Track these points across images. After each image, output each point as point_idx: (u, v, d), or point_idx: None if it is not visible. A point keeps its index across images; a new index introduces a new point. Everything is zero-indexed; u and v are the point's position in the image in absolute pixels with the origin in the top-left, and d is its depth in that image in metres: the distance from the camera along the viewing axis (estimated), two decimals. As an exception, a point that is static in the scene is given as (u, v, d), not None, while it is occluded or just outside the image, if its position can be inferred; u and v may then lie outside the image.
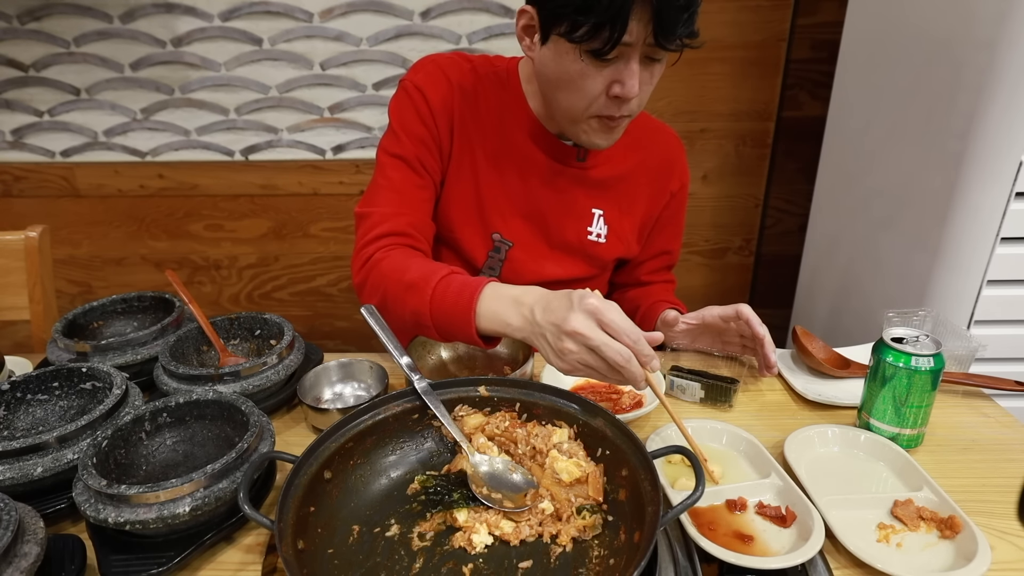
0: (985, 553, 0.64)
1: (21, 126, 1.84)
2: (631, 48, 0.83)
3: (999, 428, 0.89)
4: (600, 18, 0.79)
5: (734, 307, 0.96)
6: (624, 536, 0.65)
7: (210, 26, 1.72)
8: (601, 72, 0.86)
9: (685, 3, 0.80)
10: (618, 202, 1.11)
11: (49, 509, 0.71)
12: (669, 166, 1.14)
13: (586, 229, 1.10)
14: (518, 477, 0.72)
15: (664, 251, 1.22)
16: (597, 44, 0.82)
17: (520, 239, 1.08)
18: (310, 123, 1.85)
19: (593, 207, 1.09)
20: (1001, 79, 1.07)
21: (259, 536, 0.71)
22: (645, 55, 0.86)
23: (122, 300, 1.06)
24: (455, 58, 1.04)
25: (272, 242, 1.98)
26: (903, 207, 1.32)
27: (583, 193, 1.08)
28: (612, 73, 0.86)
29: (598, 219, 1.10)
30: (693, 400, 0.94)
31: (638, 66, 0.85)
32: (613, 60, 0.85)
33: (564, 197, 1.07)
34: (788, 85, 1.80)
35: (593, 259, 1.13)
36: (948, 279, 1.21)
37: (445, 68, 1.03)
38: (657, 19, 0.80)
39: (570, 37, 0.83)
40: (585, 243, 1.10)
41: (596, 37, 0.81)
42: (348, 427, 0.72)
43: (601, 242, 1.11)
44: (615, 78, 0.87)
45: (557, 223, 1.08)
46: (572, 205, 1.08)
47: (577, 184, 1.07)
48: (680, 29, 0.82)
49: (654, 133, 1.13)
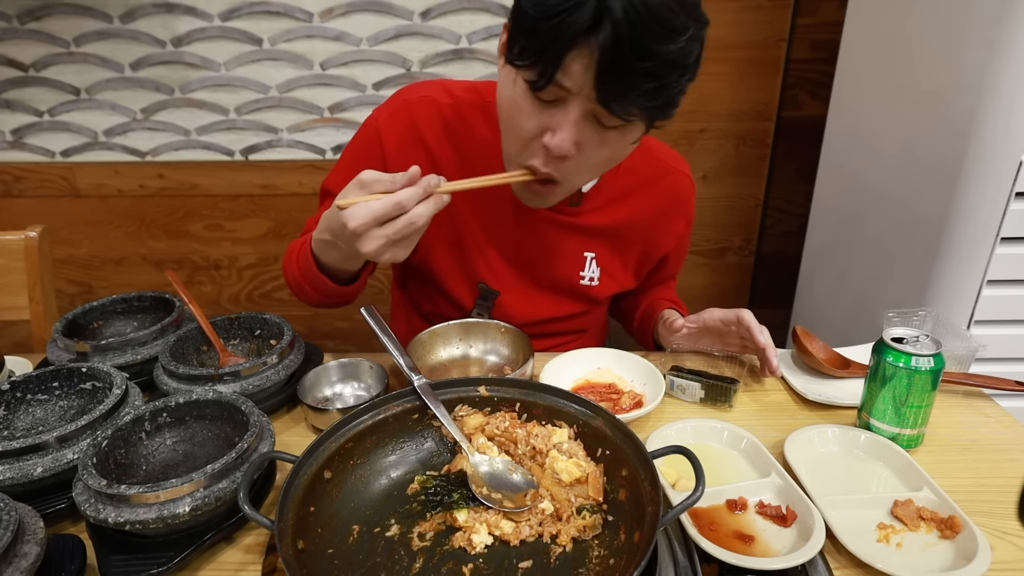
0: (985, 553, 0.64)
1: (21, 126, 1.84)
2: (571, 97, 0.73)
3: (999, 428, 0.89)
4: (537, 45, 0.70)
5: (735, 312, 0.94)
6: (624, 536, 0.65)
7: (210, 26, 1.72)
8: (537, 114, 0.76)
9: (649, 69, 0.68)
10: (612, 245, 1.05)
11: (49, 509, 0.71)
12: (674, 210, 1.06)
13: (578, 274, 1.05)
14: (518, 477, 0.72)
15: (668, 276, 1.20)
16: (532, 76, 0.72)
17: (507, 285, 1.04)
18: (310, 123, 1.85)
19: (585, 251, 1.03)
20: (1001, 79, 1.07)
21: (259, 536, 0.71)
22: (592, 113, 0.74)
23: (122, 300, 1.06)
24: (433, 94, 0.96)
25: (272, 242, 1.98)
26: (903, 207, 1.32)
27: (575, 239, 1.02)
28: (547, 119, 0.76)
29: (590, 263, 1.04)
30: (693, 400, 0.94)
31: (579, 121, 0.74)
32: (553, 104, 0.74)
33: (554, 243, 1.01)
34: (788, 85, 1.80)
35: (586, 299, 1.09)
36: (948, 279, 1.21)
37: (416, 113, 0.95)
38: (603, 73, 0.68)
39: (512, 60, 0.74)
40: (577, 287, 1.06)
41: (533, 67, 0.71)
42: (348, 427, 0.72)
43: (594, 285, 1.06)
44: (549, 125, 0.76)
45: (546, 268, 1.03)
46: (563, 250, 1.02)
47: (569, 231, 1.00)
48: (635, 97, 0.70)
49: (662, 175, 1.04)
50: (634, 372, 0.97)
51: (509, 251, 1.03)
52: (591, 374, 0.98)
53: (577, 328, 1.15)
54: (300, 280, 0.93)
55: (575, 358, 1.00)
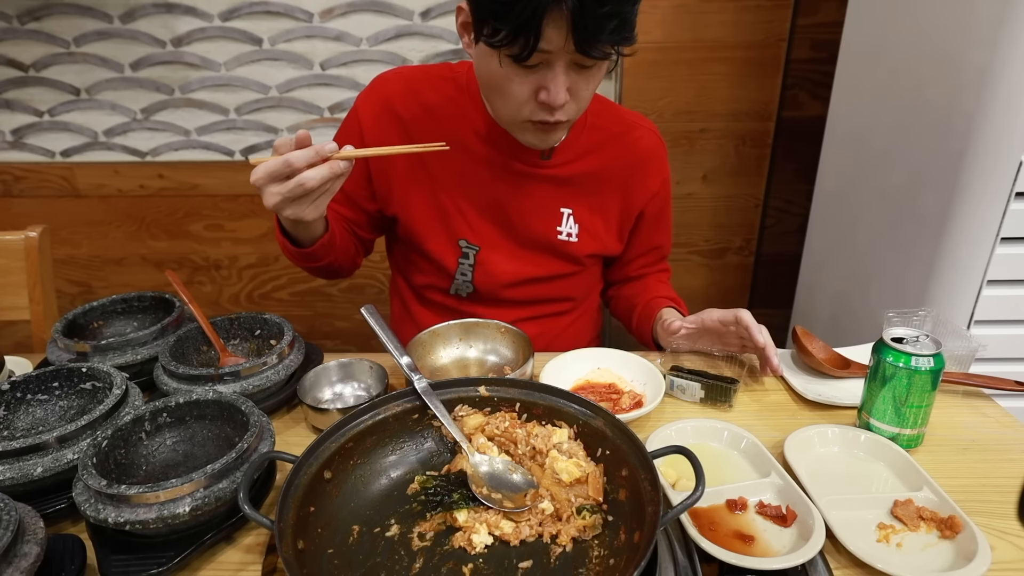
0: (985, 553, 0.64)
1: (21, 126, 1.84)
2: (553, 55, 0.82)
3: (999, 428, 0.89)
4: (514, 25, 0.78)
5: (733, 313, 0.95)
6: (624, 536, 0.65)
7: (210, 26, 1.72)
8: (527, 78, 0.86)
9: (610, 11, 0.77)
10: (588, 201, 1.09)
11: (49, 509, 0.71)
12: (644, 164, 1.11)
13: (555, 228, 1.09)
14: (518, 477, 0.72)
15: (653, 247, 1.20)
16: (516, 50, 0.81)
17: (487, 241, 1.08)
18: (310, 123, 1.85)
19: (561, 206, 1.08)
20: (1001, 79, 1.07)
21: (259, 536, 0.71)
22: (573, 62, 0.84)
23: (122, 300, 1.06)
24: (405, 73, 1.05)
25: (272, 242, 1.98)
26: (903, 207, 1.32)
27: (550, 192, 1.07)
28: (538, 79, 0.86)
29: (567, 218, 1.09)
30: (693, 400, 0.94)
31: (564, 73, 0.84)
32: (537, 67, 0.84)
33: (529, 196, 1.06)
34: (788, 85, 1.80)
35: (567, 257, 1.11)
36: (948, 279, 1.21)
37: (388, 86, 1.04)
38: (576, 27, 0.78)
39: (489, 42, 0.82)
40: (555, 242, 1.09)
41: (514, 43, 0.80)
42: (348, 427, 0.72)
43: (573, 241, 1.10)
44: (541, 84, 0.86)
45: (523, 222, 1.07)
46: (538, 204, 1.07)
47: (543, 183, 1.06)
48: (605, 37, 0.79)
49: (629, 130, 1.10)
50: (634, 372, 0.97)
51: (486, 208, 1.07)
52: (591, 374, 0.98)
53: (563, 295, 1.16)
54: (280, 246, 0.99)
55: (575, 358, 1.00)
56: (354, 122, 1.05)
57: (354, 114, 1.05)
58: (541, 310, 1.16)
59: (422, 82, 1.04)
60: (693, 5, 1.70)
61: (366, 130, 1.03)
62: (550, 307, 1.17)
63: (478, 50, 0.88)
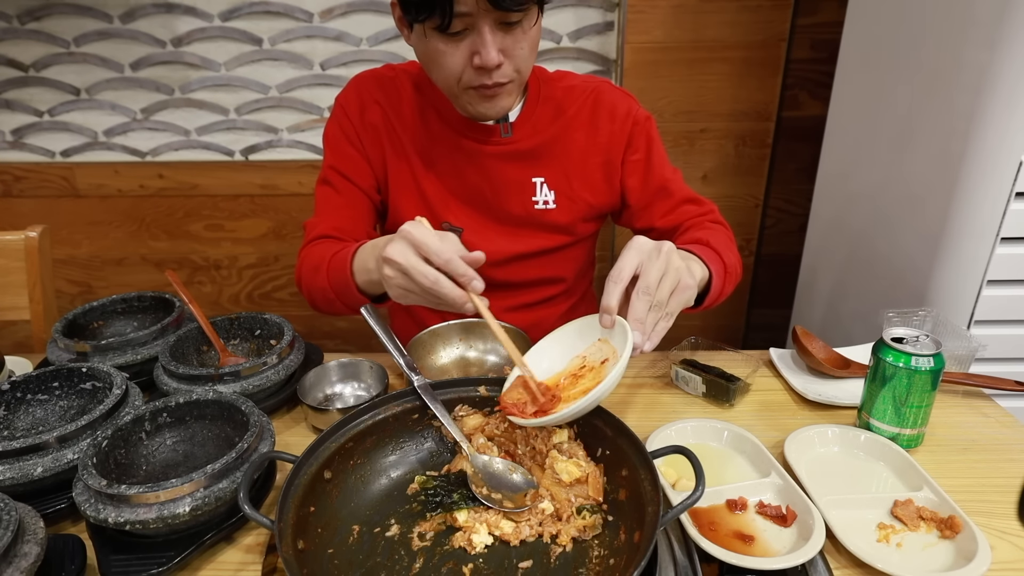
0: (985, 553, 0.64)
1: (21, 126, 1.84)
2: (474, 18, 0.84)
3: (999, 428, 0.89)
4: None
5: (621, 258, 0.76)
6: (624, 536, 0.65)
7: (210, 26, 1.72)
8: (458, 47, 0.88)
9: None
10: (559, 164, 1.08)
11: (49, 509, 0.71)
12: (610, 110, 1.08)
13: (530, 199, 1.09)
14: (518, 477, 0.72)
15: (659, 187, 1.10)
16: (437, 20, 0.83)
17: (468, 223, 1.09)
18: (310, 123, 1.85)
19: (532, 177, 1.08)
20: (1001, 79, 1.07)
21: (259, 536, 0.71)
22: (497, 20, 0.85)
23: (122, 300, 1.06)
24: (377, 70, 1.10)
25: (272, 242, 1.98)
26: (903, 207, 1.32)
27: (517, 166, 1.07)
28: (469, 45, 0.88)
29: (541, 187, 1.09)
30: (695, 394, 0.95)
31: (491, 34, 0.86)
32: (465, 33, 0.86)
33: (500, 174, 1.07)
34: (788, 85, 1.80)
35: (550, 227, 1.10)
36: (948, 279, 1.21)
37: (363, 83, 1.09)
38: None
39: (414, 20, 0.86)
40: (533, 213, 1.09)
41: (432, 14, 0.83)
42: (348, 427, 0.72)
43: (551, 208, 1.09)
44: (472, 50, 0.88)
45: (498, 200, 1.08)
46: (510, 179, 1.08)
47: (508, 159, 1.07)
48: None
49: (578, 90, 1.09)
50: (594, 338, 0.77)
51: (463, 192, 1.08)
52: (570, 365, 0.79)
53: (553, 275, 1.16)
54: (331, 296, 0.95)
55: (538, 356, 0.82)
56: (343, 119, 1.08)
57: (340, 112, 1.08)
58: (532, 295, 1.16)
59: (392, 80, 1.08)
60: (693, 5, 1.70)
61: (355, 121, 1.07)
62: (541, 291, 1.16)
63: (415, 37, 0.91)
